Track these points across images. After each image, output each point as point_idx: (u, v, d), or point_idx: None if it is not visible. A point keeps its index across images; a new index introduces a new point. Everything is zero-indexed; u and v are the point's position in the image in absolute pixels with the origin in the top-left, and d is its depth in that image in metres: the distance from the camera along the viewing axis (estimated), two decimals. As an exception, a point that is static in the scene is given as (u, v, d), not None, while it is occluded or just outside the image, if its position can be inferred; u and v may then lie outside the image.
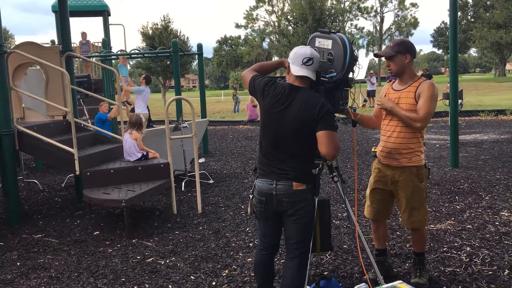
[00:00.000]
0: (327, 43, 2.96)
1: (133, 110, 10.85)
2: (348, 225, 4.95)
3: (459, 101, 10.36)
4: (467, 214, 5.11)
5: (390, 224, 4.80)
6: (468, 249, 4.12)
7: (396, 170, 3.39)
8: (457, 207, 5.41)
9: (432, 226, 4.79)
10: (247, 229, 5.06)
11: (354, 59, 2.95)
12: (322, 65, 2.94)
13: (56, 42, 13.87)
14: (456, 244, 4.26)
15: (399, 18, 61.86)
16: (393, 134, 3.37)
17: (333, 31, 2.94)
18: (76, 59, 12.92)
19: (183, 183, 7.28)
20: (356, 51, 2.98)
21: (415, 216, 3.41)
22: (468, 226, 4.73)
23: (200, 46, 11.12)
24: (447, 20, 65.21)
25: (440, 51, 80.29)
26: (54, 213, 6.12)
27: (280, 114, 2.74)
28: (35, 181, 8.06)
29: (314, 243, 3.09)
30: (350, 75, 3.03)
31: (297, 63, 2.77)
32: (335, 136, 2.70)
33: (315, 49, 2.89)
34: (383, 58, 3.50)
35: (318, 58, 2.83)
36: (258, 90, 2.87)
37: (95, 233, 5.21)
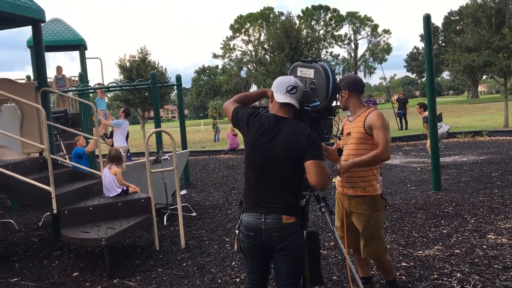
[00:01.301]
0: (309, 72, 2.93)
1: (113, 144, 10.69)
2: (336, 254, 4.85)
3: (444, 125, 10.51)
4: (454, 239, 5.07)
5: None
6: (458, 275, 4.06)
7: (352, 199, 3.44)
8: (444, 231, 5.38)
9: (420, 252, 4.72)
10: (233, 263, 4.92)
11: (337, 88, 2.92)
12: (305, 94, 2.90)
13: (32, 78, 13.70)
14: (446, 270, 4.19)
15: (372, 45, 63.46)
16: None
17: (314, 60, 2.92)
18: (53, 94, 12.75)
19: (165, 217, 7.11)
20: (338, 79, 2.96)
21: (370, 245, 3.42)
22: (456, 251, 4.68)
23: (179, 77, 11.09)
24: (419, 45, 67.09)
25: (413, 75, 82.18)
26: (31, 254, 5.87)
27: (266, 146, 2.67)
28: (11, 220, 7.76)
29: (303, 278, 2.98)
30: (334, 103, 3.00)
31: (281, 91, 2.73)
32: (324, 165, 2.64)
33: (297, 78, 2.86)
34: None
35: (302, 87, 2.79)
36: (241, 122, 2.80)
37: (74, 275, 4.98)
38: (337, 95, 2.96)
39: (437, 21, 61.05)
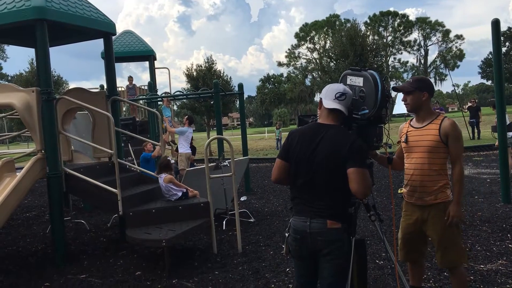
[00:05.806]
0: (358, 81, 2.95)
1: (177, 149, 11.11)
2: (391, 265, 4.76)
3: (510, 133, 9.95)
4: (521, 254, 4.81)
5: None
6: (522, 291, 3.87)
7: (424, 209, 3.34)
8: (510, 245, 5.12)
9: (482, 266, 4.53)
10: (287, 269, 4.97)
11: (386, 96, 2.91)
12: (354, 102, 2.92)
13: (105, 87, 14.55)
14: (508, 285, 4.01)
15: (445, 51, 60.96)
16: (415, 172, 3.35)
17: (364, 68, 2.94)
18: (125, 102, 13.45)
19: (224, 222, 7.29)
20: (389, 87, 2.95)
21: (448, 255, 3.30)
22: (521, 266, 4.45)
23: (241, 86, 11.29)
24: (494, 50, 63.52)
25: (489, 82, 78.05)
26: (99, 253, 6.24)
27: (312, 152, 2.73)
28: (82, 221, 8.27)
29: (351, 286, 2.98)
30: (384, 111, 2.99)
31: (329, 98, 2.78)
32: (366, 174, 2.65)
33: (347, 87, 2.90)
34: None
35: (350, 94, 2.83)
36: (289, 153, 2.84)
37: (136, 273, 5.25)
38: (387, 103, 2.94)
39: (515, 24, 57.72)
